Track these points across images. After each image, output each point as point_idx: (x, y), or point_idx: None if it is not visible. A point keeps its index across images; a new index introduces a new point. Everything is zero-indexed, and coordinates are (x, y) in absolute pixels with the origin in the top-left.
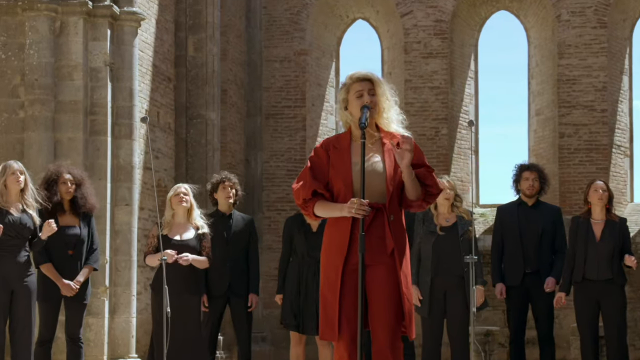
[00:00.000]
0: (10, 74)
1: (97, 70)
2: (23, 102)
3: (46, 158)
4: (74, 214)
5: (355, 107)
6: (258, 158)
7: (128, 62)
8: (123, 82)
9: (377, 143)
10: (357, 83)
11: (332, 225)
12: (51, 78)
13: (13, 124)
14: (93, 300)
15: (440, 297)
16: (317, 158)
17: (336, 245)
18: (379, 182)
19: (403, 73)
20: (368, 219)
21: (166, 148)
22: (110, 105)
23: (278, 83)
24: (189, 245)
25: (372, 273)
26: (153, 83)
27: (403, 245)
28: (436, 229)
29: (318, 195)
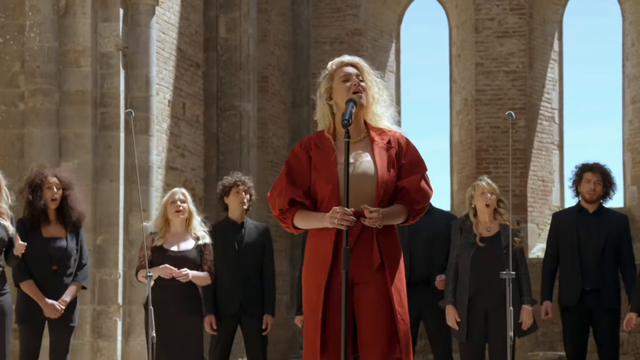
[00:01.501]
0: (8, 61)
1: (108, 55)
2: (23, 93)
3: (50, 157)
4: (60, 223)
5: (342, 94)
6: None
7: (144, 46)
8: (138, 69)
9: (366, 139)
10: (342, 68)
11: (314, 237)
12: (55, 65)
13: (12, 117)
14: (104, 321)
15: (480, 319)
16: (295, 160)
17: (318, 261)
18: (369, 186)
19: (473, 55)
20: (355, 230)
21: (194, 144)
22: (124, 96)
23: None
24: (188, 257)
25: (360, 292)
26: (178, 70)
27: (395, 258)
28: (475, 239)
29: (297, 204)
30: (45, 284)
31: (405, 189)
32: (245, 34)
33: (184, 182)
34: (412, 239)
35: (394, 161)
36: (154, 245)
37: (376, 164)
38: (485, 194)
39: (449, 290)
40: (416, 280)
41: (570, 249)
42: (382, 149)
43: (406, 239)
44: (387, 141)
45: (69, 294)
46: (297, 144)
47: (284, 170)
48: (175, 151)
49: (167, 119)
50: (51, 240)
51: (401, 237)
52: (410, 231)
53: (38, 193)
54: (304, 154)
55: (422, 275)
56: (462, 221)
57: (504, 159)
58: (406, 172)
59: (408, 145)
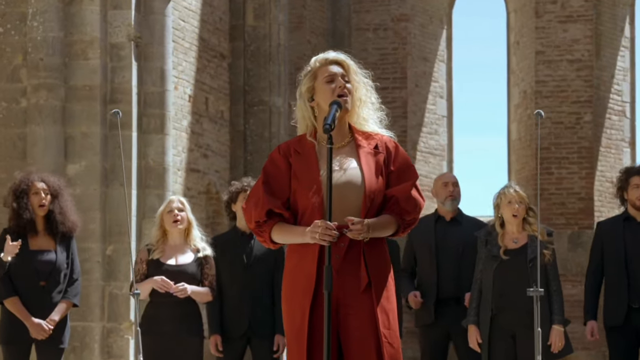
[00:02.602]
0: (9, 53)
1: (119, 46)
2: (25, 88)
3: (54, 158)
4: (49, 234)
5: (325, 95)
6: None
7: (159, 35)
8: (152, 62)
9: (351, 144)
10: (326, 66)
11: (295, 253)
12: (60, 57)
13: (13, 115)
14: (115, 340)
15: (505, 340)
16: (273, 167)
17: (301, 281)
18: (355, 195)
19: (534, 43)
20: (341, 246)
21: (218, 144)
22: (136, 92)
23: (371, 58)
24: (187, 271)
25: (347, 315)
26: (200, 61)
27: (383, 276)
28: (499, 252)
29: (275, 216)
30: (31, 301)
31: (395, 198)
32: (275, 21)
33: (207, 186)
34: (439, 252)
35: (382, 168)
36: (149, 258)
37: (363, 171)
38: (513, 204)
39: (472, 308)
40: (444, 297)
41: (615, 262)
42: (368, 154)
43: (433, 251)
44: (374, 146)
45: (58, 313)
46: (275, 149)
47: (260, 179)
48: (197, 151)
49: (188, 115)
50: (39, 253)
51: (427, 249)
52: (437, 242)
53: (24, 200)
54: (283, 161)
55: (450, 293)
56: (487, 232)
57: (568, 158)
58: (395, 179)
59: (397, 151)
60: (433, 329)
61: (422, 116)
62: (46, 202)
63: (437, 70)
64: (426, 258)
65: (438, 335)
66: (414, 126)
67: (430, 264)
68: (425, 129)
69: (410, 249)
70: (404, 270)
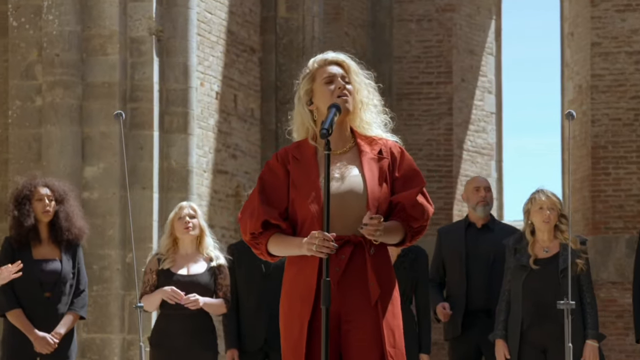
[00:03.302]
0: (23, 48)
1: (140, 41)
2: (40, 86)
3: (71, 160)
4: (53, 242)
5: (324, 97)
6: None
7: (182, 29)
8: (175, 57)
9: (353, 150)
10: (325, 67)
11: (294, 265)
12: (77, 53)
13: (28, 114)
14: (135, 353)
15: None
16: (270, 175)
17: (300, 293)
18: (357, 205)
19: (589, 34)
20: (342, 258)
21: (247, 143)
22: (158, 89)
23: (414, 51)
24: (199, 282)
25: (349, 331)
26: (228, 56)
27: (389, 290)
28: (528, 261)
29: (272, 227)
30: (35, 313)
31: (401, 205)
32: (309, 13)
33: (235, 188)
34: (470, 260)
35: (386, 174)
36: (160, 268)
37: (365, 178)
38: (544, 210)
39: (500, 322)
40: (474, 309)
41: None
42: (372, 160)
43: (462, 260)
44: (377, 151)
45: (63, 326)
46: (273, 156)
47: (256, 188)
48: (225, 151)
49: (215, 114)
50: (43, 262)
51: (457, 257)
52: (467, 250)
53: (26, 207)
54: (281, 168)
55: (481, 304)
56: (516, 239)
57: (627, 158)
58: (401, 186)
59: (402, 156)
60: (461, 342)
61: (469, 113)
62: (50, 209)
63: (485, 63)
64: (455, 267)
65: (467, 349)
66: (460, 124)
67: (460, 274)
68: (473, 126)
69: (439, 258)
70: (432, 280)
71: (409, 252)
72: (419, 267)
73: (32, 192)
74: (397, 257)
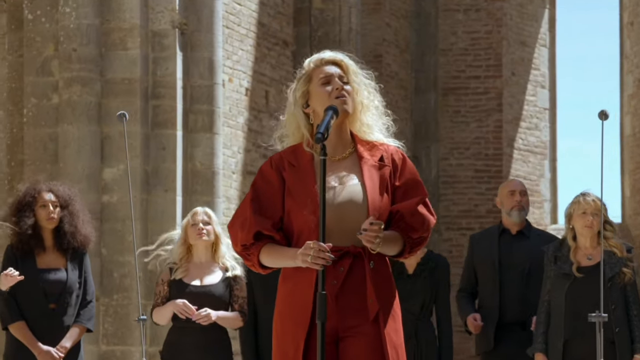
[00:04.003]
0: (39, 43)
1: (162, 34)
2: (57, 82)
3: (88, 161)
4: (59, 250)
5: (321, 99)
6: (432, 153)
7: (207, 21)
8: (200, 52)
9: (352, 156)
10: (322, 67)
11: (289, 279)
12: (96, 47)
13: (43, 112)
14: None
15: None
16: (264, 183)
17: (295, 309)
18: (358, 216)
19: None
20: (340, 271)
21: None
22: (182, 85)
23: (461, 43)
24: (214, 293)
25: (347, 348)
26: (258, 50)
27: (389, 303)
28: (571, 269)
29: (265, 238)
30: (40, 326)
31: (400, 214)
32: (345, 3)
33: None
34: (503, 269)
35: (387, 183)
36: (172, 278)
37: (366, 187)
38: (587, 215)
39: (539, 334)
40: (508, 322)
41: None
42: (372, 167)
43: (495, 268)
44: (378, 158)
45: (69, 339)
46: (267, 162)
47: (248, 196)
48: (256, 152)
49: (244, 111)
50: (47, 271)
51: (489, 266)
52: (500, 258)
53: (26, 213)
54: (276, 175)
55: (515, 316)
56: (556, 247)
57: None
58: (401, 195)
59: (404, 164)
60: (494, 357)
61: (520, 109)
62: (55, 215)
63: (538, 56)
64: (488, 276)
65: None
66: (511, 120)
67: (493, 283)
68: (524, 123)
69: (471, 266)
70: (463, 289)
71: (428, 261)
72: (439, 276)
73: (35, 198)
74: (417, 265)
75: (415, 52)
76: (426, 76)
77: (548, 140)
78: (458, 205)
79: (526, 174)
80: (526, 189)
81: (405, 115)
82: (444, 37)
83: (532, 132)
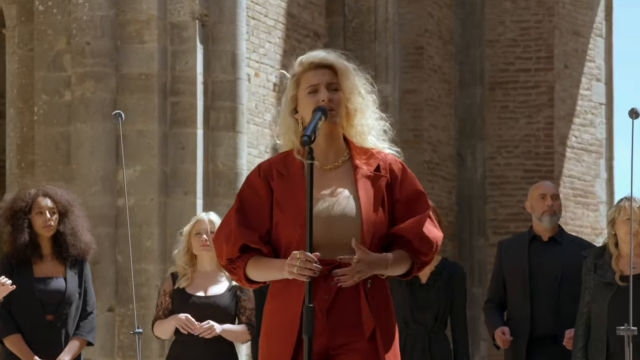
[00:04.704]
0: (51, 36)
1: (182, 26)
2: (69, 78)
3: (103, 161)
4: (57, 259)
5: (307, 109)
6: (478, 152)
7: (230, 12)
8: (222, 44)
9: (346, 165)
10: (310, 72)
11: (277, 296)
12: (111, 40)
13: (55, 110)
14: None
15: None
16: (251, 193)
17: (282, 325)
18: (350, 231)
19: None
20: (332, 284)
21: None
22: (202, 80)
23: (509, 33)
24: (219, 304)
25: None
26: (287, 42)
27: (389, 322)
28: (614, 278)
29: (251, 252)
30: (36, 339)
31: (406, 239)
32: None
33: None
34: (534, 278)
35: (383, 196)
36: (175, 288)
37: (359, 199)
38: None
39: (578, 349)
40: (539, 335)
41: None
42: (367, 178)
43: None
44: (375, 167)
45: (68, 353)
46: (254, 170)
47: (234, 206)
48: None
49: (272, 108)
50: (44, 280)
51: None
52: (530, 267)
53: (20, 220)
54: (264, 185)
55: (547, 329)
56: (596, 254)
57: None
58: (402, 212)
59: (404, 174)
60: None
61: (574, 104)
62: (53, 223)
63: (593, 47)
64: (517, 286)
65: None
66: (563, 117)
67: (523, 294)
68: (578, 119)
69: (500, 275)
70: (491, 300)
71: (443, 270)
72: (455, 286)
73: (30, 204)
74: (430, 274)
75: (460, 43)
76: (471, 69)
77: (604, 137)
78: (506, 208)
79: (580, 174)
80: (558, 192)
81: (449, 112)
82: (491, 27)
83: (587, 129)
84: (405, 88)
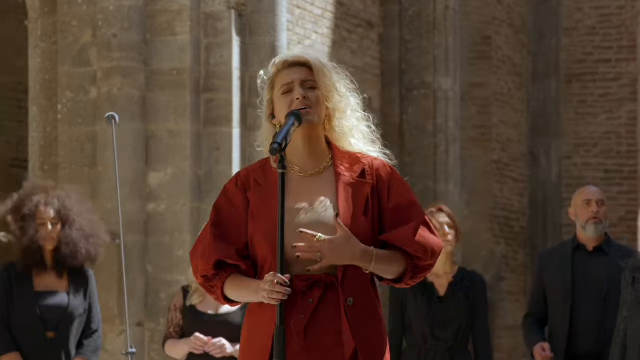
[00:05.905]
0: (75, 28)
1: (217, 17)
2: (95, 73)
3: (132, 164)
4: (59, 271)
5: (283, 111)
6: (553, 150)
7: (268, 1)
8: (261, 37)
9: (328, 172)
10: (284, 71)
11: (252, 316)
12: (140, 33)
13: (80, 108)
14: None
15: None
16: (227, 204)
17: (255, 349)
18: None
19: None
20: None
21: None
22: (239, 76)
23: (588, 21)
24: (231, 323)
25: None
26: (336, 33)
27: (375, 343)
28: None
29: (229, 268)
30: (36, 357)
31: (396, 246)
32: None
33: None
34: (577, 291)
35: (368, 203)
36: (186, 304)
37: (339, 209)
38: None
39: None
40: (582, 353)
41: None
42: (349, 186)
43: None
44: (359, 173)
45: None
46: (232, 178)
47: (210, 218)
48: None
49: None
50: (46, 295)
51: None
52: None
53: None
54: (240, 196)
55: (589, 347)
56: (636, 265)
57: None
58: (392, 220)
59: (392, 179)
60: None
61: None
62: (54, 235)
63: None
64: (559, 299)
65: None
66: None
67: (565, 307)
68: None
69: (540, 287)
70: (530, 314)
71: (462, 280)
72: (475, 297)
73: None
74: (448, 286)
75: (533, 32)
76: (546, 60)
77: None
78: None
79: None
80: (604, 198)
81: (521, 107)
82: (568, 14)
83: None
84: (471, 81)
